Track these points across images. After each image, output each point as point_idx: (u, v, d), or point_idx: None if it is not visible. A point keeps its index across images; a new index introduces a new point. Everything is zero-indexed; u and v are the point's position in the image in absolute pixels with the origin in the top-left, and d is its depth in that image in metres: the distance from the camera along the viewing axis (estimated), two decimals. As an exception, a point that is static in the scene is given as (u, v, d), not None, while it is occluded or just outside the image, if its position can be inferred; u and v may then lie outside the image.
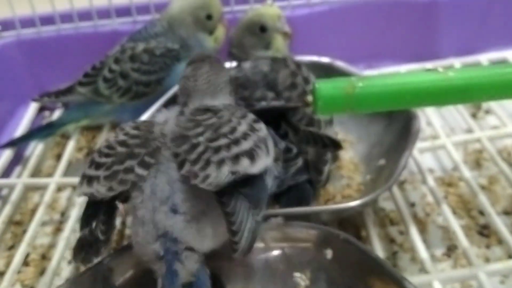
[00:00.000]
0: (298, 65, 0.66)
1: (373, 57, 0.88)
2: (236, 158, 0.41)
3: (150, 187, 0.42)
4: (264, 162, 0.43)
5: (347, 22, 0.86)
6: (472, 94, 0.48)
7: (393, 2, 0.86)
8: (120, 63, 0.74)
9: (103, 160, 0.44)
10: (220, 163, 0.41)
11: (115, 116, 0.78)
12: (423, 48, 0.88)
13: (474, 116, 0.80)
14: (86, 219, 0.44)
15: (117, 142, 0.45)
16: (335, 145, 0.59)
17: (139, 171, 0.42)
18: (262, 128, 0.46)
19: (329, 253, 0.48)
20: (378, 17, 0.86)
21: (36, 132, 0.79)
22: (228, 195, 0.40)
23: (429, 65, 0.86)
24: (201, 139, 0.43)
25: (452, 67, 0.85)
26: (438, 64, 0.87)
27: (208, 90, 0.48)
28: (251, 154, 0.42)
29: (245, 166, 0.41)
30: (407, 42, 0.88)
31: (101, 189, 0.42)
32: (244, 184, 0.41)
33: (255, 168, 0.42)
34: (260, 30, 0.66)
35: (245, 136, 0.43)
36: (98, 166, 0.44)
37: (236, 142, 0.43)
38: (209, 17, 0.75)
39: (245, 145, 0.43)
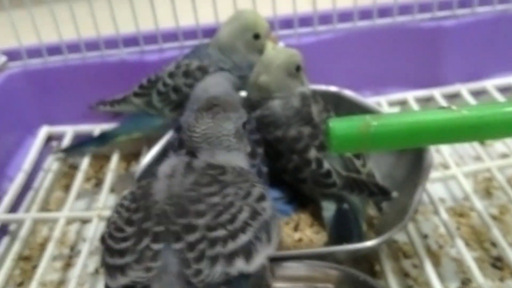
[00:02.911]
0: (326, 101, 0.66)
1: (379, 84, 0.88)
2: (231, 256, 0.40)
3: (163, 262, 0.41)
4: (263, 256, 0.42)
5: (353, 49, 0.86)
6: (487, 132, 0.48)
7: (398, 28, 0.86)
8: (174, 77, 0.75)
9: (123, 245, 0.42)
10: (214, 260, 0.40)
11: (165, 131, 0.75)
12: (428, 74, 0.88)
13: (481, 143, 0.80)
14: None
15: (124, 222, 0.43)
16: (384, 193, 0.58)
17: (155, 246, 0.41)
18: (266, 209, 0.44)
19: (348, 295, 0.48)
20: (383, 44, 0.86)
21: (90, 141, 0.82)
22: None
23: (435, 91, 0.87)
24: (200, 221, 0.41)
25: (458, 94, 0.86)
26: (444, 90, 0.87)
27: (204, 143, 0.47)
28: (248, 251, 0.41)
29: (240, 267, 0.41)
30: (413, 68, 0.88)
31: (138, 274, 0.40)
32: (238, 279, 0.41)
33: (251, 267, 0.41)
34: (296, 70, 0.65)
35: (244, 227, 0.42)
36: (120, 253, 0.42)
37: (234, 236, 0.41)
38: (256, 36, 0.75)
39: (243, 238, 0.41)
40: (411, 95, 0.86)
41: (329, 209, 0.61)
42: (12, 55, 0.86)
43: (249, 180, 0.46)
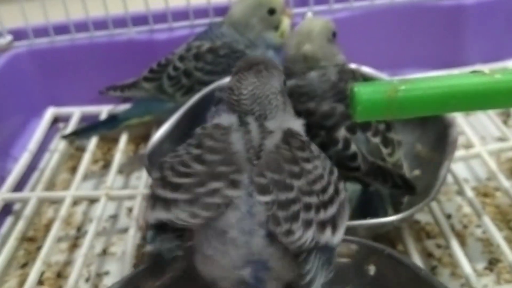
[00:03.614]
0: (365, 78, 0.64)
1: (398, 64, 0.85)
2: (322, 225, 0.38)
3: (246, 205, 0.38)
4: (343, 231, 0.41)
5: (370, 28, 0.83)
6: (521, 97, 0.45)
7: (417, 7, 0.83)
8: (185, 61, 0.73)
9: (180, 180, 0.39)
10: (307, 224, 0.38)
11: None
12: (449, 54, 0.85)
13: (505, 123, 0.77)
14: (154, 234, 0.39)
15: (192, 158, 0.40)
16: (408, 188, 0.55)
17: (229, 192, 0.38)
18: (343, 190, 0.43)
19: (371, 269, 0.45)
20: (402, 23, 0.84)
21: (100, 124, 0.79)
22: (308, 255, 0.38)
23: (455, 71, 0.83)
24: (296, 183, 0.39)
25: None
26: (464, 71, 0.82)
27: (254, 104, 0.44)
28: (334, 223, 0.40)
29: (328, 237, 0.39)
30: (432, 48, 0.85)
31: (182, 215, 0.37)
32: (325, 249, 0.39)
33: (336, 239, 0.40)
34: (333, 36, 0.64)
35: (332, 200, 0.40)
36: (174, 187, 0.39)
37: (325, 205, 0.39)
38: (271, 11, 0.73)
39: (331, 211, 0.40)
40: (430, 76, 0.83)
41: (354, 191, 0.58)
42: (18, 34, 0.84)
43: (327, 158, 0.44)
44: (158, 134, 0.62)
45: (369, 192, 0.57)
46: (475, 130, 0.75)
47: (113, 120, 0.79)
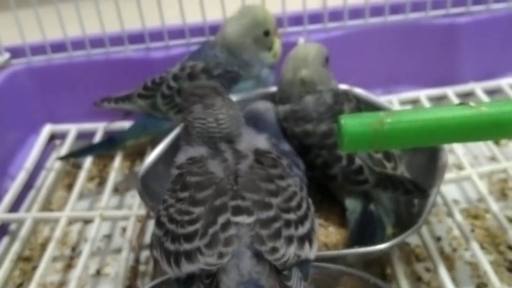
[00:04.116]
0: (358, 99, 0.64)
1: (391, 82, 0.86)
2: (301, 240, 0.40)
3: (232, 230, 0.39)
4: (317, 245, 0.42)
5: (364, 46, 0.84)
6: (507, 129, 0.46)
7: (411, 25, 0.84)
8: (179, 80, 0.73)
9: (189, 228, 0.39)
10: (289, 241, 0.39)
11: None
12: (442, 72, 0.86)
13: (496, 143, 0.77)
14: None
15: (186, 203, 0.40)
16: (420, 191, 0.55)
17: (238, 219, 0.39)
18: (311, 203, 0.44)
19: (358, 299, 0.46)
20: (395, 41, 0.84)
21: (97, 146, 0.80)
22: (290, 270, 0.39)
23: (448, 90, 0.84)
24: (274, 201, 0.40)
25: (472, 93, 0.83)
26: (458, 89, 0.85)
27: (232, 126, 0.45)
28: (310, 238, 0.41)
29: (307, 252, 0.40)
30: (426, 66, 0.86)
31: (210, 259, 0.38)
32: (304, 264, 0.41)
33: (312, 254, 0.41)
34: (326, 61, 0.65)
35: (306, 215, 0.42)
36: (188, 237, 0.39)
37: (302, 221, 0.41)
38: (266, 33, 0.74)
39: (307, 226, 0.41)
40: (423, 94, 0.84)
41: (354, 211, 0.59)
42: (16, 52, 0.85)
43: (296, 175, 0.47)
44: (152, 157, 0.63)
45: (368, 212, 0.58)
46: (466, 150, 0.76)
47: (110, 142, 0.79)
